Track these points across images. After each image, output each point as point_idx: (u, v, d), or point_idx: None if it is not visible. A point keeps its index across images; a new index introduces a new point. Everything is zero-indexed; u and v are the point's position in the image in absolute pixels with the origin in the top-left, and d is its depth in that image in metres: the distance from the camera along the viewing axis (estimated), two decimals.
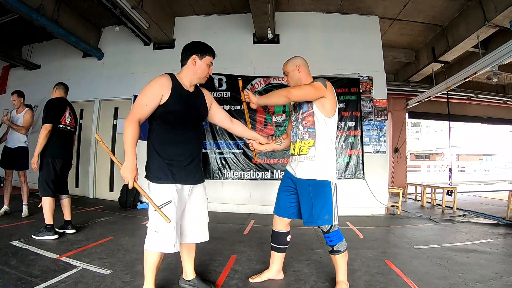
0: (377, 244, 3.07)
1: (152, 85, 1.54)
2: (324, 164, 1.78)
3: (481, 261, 2.54)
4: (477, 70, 4.81)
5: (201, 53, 1.65)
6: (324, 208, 1.75)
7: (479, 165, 19.77)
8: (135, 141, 1.49)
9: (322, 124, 1.80)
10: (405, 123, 7.95)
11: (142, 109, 1.51)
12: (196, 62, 1.64)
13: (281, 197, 1.97)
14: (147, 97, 1.52)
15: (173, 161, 1.58)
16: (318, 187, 1.77)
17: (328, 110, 1.80)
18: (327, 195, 1.76)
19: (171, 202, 1.53)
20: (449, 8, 4.90)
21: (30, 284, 1.80)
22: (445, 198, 5.56)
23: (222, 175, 4.85)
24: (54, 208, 2.91)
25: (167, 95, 1.54)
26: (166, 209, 1.50)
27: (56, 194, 2.96)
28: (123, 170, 1.46)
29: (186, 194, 1.65)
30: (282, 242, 2.00)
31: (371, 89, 4.97)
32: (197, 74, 1.66)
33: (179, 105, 1.58)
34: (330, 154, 1.81)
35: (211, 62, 1.69)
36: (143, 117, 1.53)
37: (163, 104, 1.54)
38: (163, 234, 1.50)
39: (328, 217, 1.74)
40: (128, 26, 4.84)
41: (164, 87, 1.55)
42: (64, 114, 3.06)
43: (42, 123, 2.88)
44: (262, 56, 5.12)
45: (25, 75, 6.51)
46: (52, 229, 2.83)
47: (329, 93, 1.79)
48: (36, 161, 2.85)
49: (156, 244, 1.52)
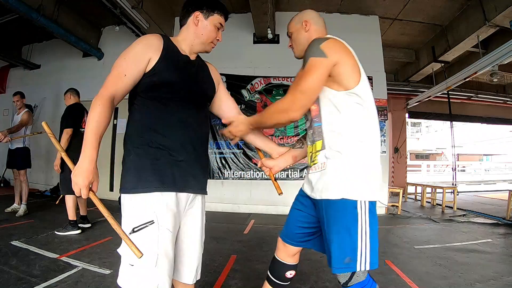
0: None
1: (134, 46, 1.05)
2: (340, 173, 1.08)
3: (481, 261, 2.54)
4: (477, 70, 4.82)
5: (207, 9, 1.15)
6: (342, 245, 1.06)
7: (479, 165, 19.77)
8: (101, 129, 0.96)
9: (331, 107, 1.11)
10: (405, 123, 7.96)
11: (118, 80, 1.01)
12: (199, 21, 1.14)
13: (290, 215, 1.32)
14: (127, 63, 1.02)
15: (163, 154, 1.03)
16: (332, 210, 1.09)
17: (345, 79, 1.08)
18: (347, 222, 1.06)
19: (153, 223, 0.99)
20: (449, 8, 4.89)
21: (30, 284, 1.80)
22: (445, 198, 5.56)
23: (222, 175, 4.85)
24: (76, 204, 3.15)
25: (156, 59, 1.04)
26: (142, 234, 0.98)
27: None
28: (75, 172, 0.93)
29: (182, 209, 1.09)
30: (278, 275, 1.32)
31: (371, 89, 4.96)
32: (200, 37, 1.16)
33: (174, 74, 1.08)
34: (355, 153, 1.08)
35: (220, 24, 1.19)
36: (119, 92, 1.01)
37: (149, 71, 1.04)
38: (140, 271, 0.98)
39: (349, 260, 1.05)
40: (128, 26, 4.83)
41: (152, 48, 1.05)
42: (83, 119, 3.32)
43: (63, 128, 3.09)
44: (262, 55, 5.11)
45: (25, 75, 6.51)
46: (75, 224, 3.07)
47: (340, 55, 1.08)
48: (58, 163, 3.05)
49: (132, 283, 0.99)
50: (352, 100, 1.09)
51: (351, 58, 1.11)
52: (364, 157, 1.09)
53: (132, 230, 0.98)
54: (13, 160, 3.81)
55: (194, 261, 1.18)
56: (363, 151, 1.09)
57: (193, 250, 1.17)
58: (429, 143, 25.58)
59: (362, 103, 1.10)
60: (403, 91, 7.46)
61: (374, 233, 1.08)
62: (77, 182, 0.92)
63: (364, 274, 1.10)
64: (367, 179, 1.08)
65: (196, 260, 1.19)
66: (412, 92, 7.39)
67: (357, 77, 1.10)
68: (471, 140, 22.48)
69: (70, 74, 5.89)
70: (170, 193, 1.03)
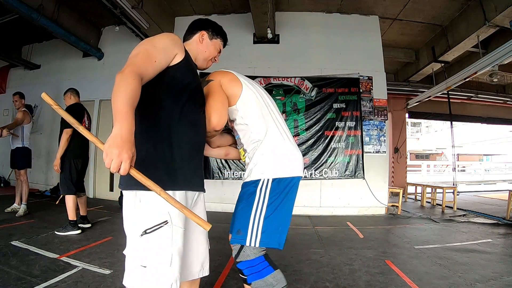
0: (377, 244, 3.07)
1: (163, 37, 1.04)
2: (252, 163, 1.25)
3: (481, 261, 2.54)
4: (477, 70, 4.81)
5: (213, 32, 1.25)
6: (239, 217, 1.19)
7: (479, 165, 19.75)
8: (134, 99, 0.85)
9: (236, 118, 1.31)
10: (405, 123, 7.96)
11: (149, 63, 0.94)
12: (204, 39, 1.23)
13: None
14: (158, 51, 0.98)
15: (178, 153, 1.02)
16: (242, 189, 1.27)
17: (230, 97, 1.27)
18: (247, 198, 1.19)
19: (167, 223, 0.97)
20: (449, 8, 4.89)
21: (30, 284, 1.80)
22: (445, 198, 5.56)
23: (222, 175, 4.85)
24: (76, 204, 3.14)
25: (181, 57, 1.06)
26: (157, 236, 0.96)
27: (76, 192, 3.18)
28: (111, 143, 0.77)
29: (189, 207, 1.11)
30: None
31: (371, 89, 4.97)
32: (203, 54, 1.23)
33: (192, 76, 1.12)
34: (258, 149, 1.24)
35: (220, 49, 1.30)
36: (146, 76, 0.93)
37: (174, 65, 1.04)
38: (154, 272, 0.95)
39: (239, 232, 1.15)
40: (128, 26, 4.83)
41: (178, 45, 1.06)
42: (83, 119, 3.32)
43: (63, 128, 3.07)
44: (262, 56, 5.11)
45: (25, 75, 6.51)
46: (75, 224, 3.05)
47: (221, 79, 1.27)
48: (58, 163, 3.04)
49: (144, 284, 0.96)
50: (237, 108, 1.28)
51: (226, 78, 1.29)
52: (265, 149, 1.23)
53: (145, 231, 0.95)
54: (14, 160, 3.83)
55: (201, 257, 1.20)
56: (264, 146, 1.23)
57: (200, 245, 1.19)
58: (429, 143, 25.56)
59: (243, 107, 1.27)
60: (403, 91, 7.46)
61: (275, 211, 1.16)
62: (117, 154, 0.76)
63: (255, 253, 1.14)
64: (271, 161, 1.21)
65: (202, 255, 1.21)
66: (412, 92, 7.40)
67: (234, 93, 1.26)
68: (471, 140, 22.46)
69: (70, 74, 5.90)
70: (181, 192, 1.03)
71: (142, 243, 0.96)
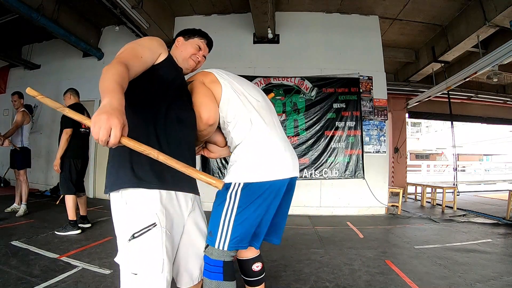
0: (377, 244, 3.07)
1: (148, 39, 1.12)
2: (233, 160, 1.25)
3: (481, 261, 2.54)
4: (477, 70, 4.81)
5: (188, 35, 1.31)
6: (212, 217, 1.19)
7: (479, 165, 19.75)
8: (122, 80, 0.83)
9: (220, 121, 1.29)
10: (405, 123, 7.96)
11: (135, 58, 0.97)
12: (180, 42, 1.30)
13: None
14: (143, 49, 1.03)
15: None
16: (218, 192, 1.20)
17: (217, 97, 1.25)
18: (219, 202, 1.18)
19: (155, 225, 0.93)
20: (449, 8, 4.89)
21: (30, 284, 1.81)
22: (445, 198, 5.56)
23: (222, 175, 4.84)
24: (76, 204, 3.14)
25: (164, 56, 1.12)
26: (145, 239, 0.92)
27: (76, 192, 3.19)
28: (101, 111, 0.70)
29: (184, 210, 1.08)
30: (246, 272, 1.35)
31: (371, 89, 4.97)
32: (180, 54, 1.28)
33: (176, 74, 1.18)
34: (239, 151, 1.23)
35: (199, 46, 1.30)
36: (133, 68, 0.93)
37: (158, 64, 1.08)
38: (145, 279, 0.91)
39: (211, 234, 1.15)
40: (128, 26, 4.83)
41: (162, 47, 1.13)
42: None
43: (62, 128, 3.07)
44: (262, 55, 5.11)
45: (25, 75, 6.51)
46: (75, 224, 3.05)
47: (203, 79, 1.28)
48: (58, 163, 3.04)
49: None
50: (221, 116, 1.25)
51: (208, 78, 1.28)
52: (245, 149, 1.20)
53: (132, 236, 0.91)
54: (13, 160, 3.83)
55: (200, 260, 1.17)
56: (245, 145, 1.21)
57: (199, 249, 1.16)
58: (429, 143, 25.57)
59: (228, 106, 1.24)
60: (403, 91, 7.46)
61: (245, 216, 1.13)
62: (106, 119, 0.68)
63: (217, 256, 1.12)
64: (246, 163, 1.18)
65: (202, 259, 1.17)
66: (412, 92, 7.39)
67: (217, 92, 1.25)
68: (471, 140, 22.46)
69: (70, 74, 5.90)
70: (169, 192, 1.01)
71: (131, 249, 0.92)
